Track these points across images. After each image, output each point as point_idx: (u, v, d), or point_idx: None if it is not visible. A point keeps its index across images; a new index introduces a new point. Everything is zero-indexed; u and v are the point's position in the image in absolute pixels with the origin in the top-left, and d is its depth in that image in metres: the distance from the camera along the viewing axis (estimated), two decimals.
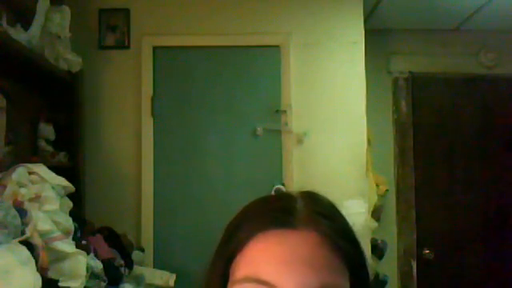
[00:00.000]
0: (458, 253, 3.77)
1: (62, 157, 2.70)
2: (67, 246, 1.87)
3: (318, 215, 0.68)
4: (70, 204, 2.09)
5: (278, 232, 0.66)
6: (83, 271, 1.88)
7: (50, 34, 2.51)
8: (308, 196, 0.73)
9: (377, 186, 3.50)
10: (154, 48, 3.07)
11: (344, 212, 0.76)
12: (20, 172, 1.92)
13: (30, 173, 1.97)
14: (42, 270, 1.68)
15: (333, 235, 0.66)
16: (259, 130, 3.02)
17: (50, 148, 2.68)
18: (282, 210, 0.68)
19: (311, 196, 0.73)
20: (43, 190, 1.91)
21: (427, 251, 3.75)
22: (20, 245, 1.64)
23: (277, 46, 3.09)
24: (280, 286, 0.62)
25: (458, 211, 3.80)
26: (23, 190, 1.87)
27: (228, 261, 0.68)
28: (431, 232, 3.78)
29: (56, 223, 1.87)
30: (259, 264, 0.64)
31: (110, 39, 3.07)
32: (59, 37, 2.56)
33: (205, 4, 3.11)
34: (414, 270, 3.72)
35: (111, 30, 3.07)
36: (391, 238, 3.66)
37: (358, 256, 0.69)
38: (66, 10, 2.61)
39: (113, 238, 2.48)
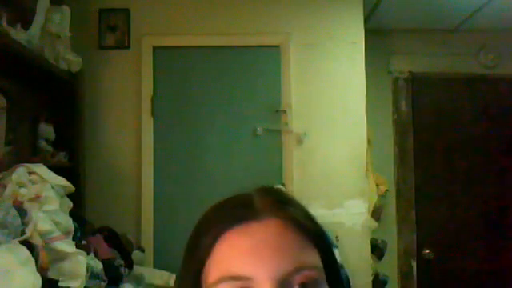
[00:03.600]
0: (458, 253, 3.77)
1: (62, 157, 2.71)
2: (67, 245, 1.87)
3: (277, 203, 0.69)
4: (70, 204, 2.09)
5: (242, 227, 0.66)
6: (83, 271, 1.88)
7: (50, 34, 2.51)
8: (262, 189, 0.73)
9: (377, 186, 3.50)
10: (154, 48, 3.07)
11: (344, 212, 0.77)
12: (20, 172, 1.92)
13: (30, 173, 1.96)
14: (41, 270, 1.68)
15: (296, 218, 0.67)
16: (259, 130, 3.02)
17: (49, 148, 2.68)
18: (241, 206, 0.69)
19: (265, 189, 0.73)
20: (43, 190, 1.91)
21: (427, 251, 3.75)
22: (20, 245, 1.64)
23: (277, 46, 3.09)
24: (255, 277, 0.62)
25: (458, 211, 3.80)
26: (23, 190, 1.87)
27: (197, 272, 0.67)
28: (431, 232, 3.78)
29: (56, 223, 1.87)
30: (229, 261, 0.64)
31: (110, 39, 3.07)
32: (59, 37, 2.56)
33: (205, 4, 3.11)
34: (414, 270, 3.72)
35: (111, 29, 3.07)
36: (391, 238, 3.67)
37: (323, 237, 0.70)
38: (66, 10, 2.62)
39: (113, 238, 2.48)
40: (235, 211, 0.68)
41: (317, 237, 0.68)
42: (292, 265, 0.63)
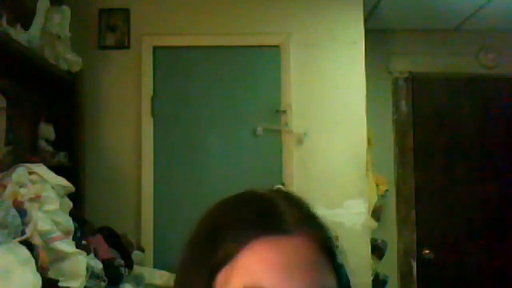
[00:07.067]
0: (458, 253, 3.77)
1: (61, 157, 2.70)
2: (67, 245, 1.87)
3: (305, 218, 0.69)
4: (70, 204, 2.09)
5: (273, 239, 0.65)
6: (83, 271, 1.88)
7: (49, 34, 2.50)
8: (285, 197, 0.72)
9: (377, 186, 3.50)
10: (154, 48, 3.07)
11: (344, 212, 0.77)
12: (20, 172, 1.92)
13: (30, 173, 1.96)
14: (42, 270, 1.68)
15: (321, 238, 0.68)
16: (259, 129, 3.01)
17: (49, 148, 2.68)
18: (270, 215, 0.67)
19: (289, 197, 0.73)
20: (43, 190, 1.91)
21: (427, 251, 3.75)
22: (20, 245, 1.64)
23: (277, 46, 3.09)
24: None
25: (458, 211, 3.80)
26: (23, 190, 1.87)
27: (213, 271, 0.66)
28: (431, 232, 3.78)
29: (56, 223, 1.87)
30: (258, 273, 0.63)
31: (110, 39, 3.07)
32: (59, 37, 2.55)
33: (205, 4, 3.11)
34: (414, 270, 3.72)
35: (111, 30, 3.07)
36: (391, 238, 3.66)
37: (338, 255, 0.71)
38: (66, 10, 2.61)
39: (113, 238, 2.48)
40: (264, 218, 0.67)
41: (335, 259, 0.69)
42: (317, 286, 0.64)
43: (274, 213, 0.68)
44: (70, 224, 1.95)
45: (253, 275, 0.63)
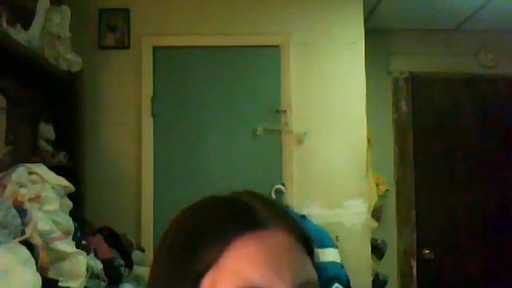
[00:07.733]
0: (458, 253, 3.77)
1: (61, 157, 2.70)
2: (67, 246, 1.87)
3: (279, 212, 0.70)
4: (70, 204, 2.09)
5: (254, 236, 0.65)
6: (83, 271, 1.88)
7: (50, 34, 2.50)
8: (253, 195, 0.72)
9: (377, 186, 3.50)
10: (154, 48, 3.07)
11: (344, 212, 0.77)
12: (20, 172, 1.92)
13: (30, 173, 1.96)
14: (42, 270, 1.68)
15: (297, 230, 0.69)
16: (259, 129, 3.02)
17: (49, 148, 2.68)
18: (246, 213, 0.67)
19: (255, 195, 0.72)
20: (43, 190, 1.91)
21: (427, 251, 3.75)
22: (20, 245, 1.64)
23: (277, 46, 3.09)
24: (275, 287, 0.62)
25: (458, 211, 3.80)
26: (23, 190, 1.87)
27: (197, 278, 0.64)
28: (431, 232, 3.78)
29: (56, 223, 1.87)
30: (247, 272, 0.63)
31: (110, 39, 3.07)
32: (59, 37, 2.55)
33: (205, 4, 3.11)
34: (414, 270, 3.72)
35: (111, 30, 3.07)
36: (391, 238, 3.66)
37: (314, 247, 0.71)
38: (66, 10, 2.61)
39: (113, 238, 2.48)
40: (238, 217, 0.67)
41: (311, 249, 0.70)
42: (302, 277, 0.64)
43: (248, 210, 0.68)
44: (70, 224, 1.95)
45: (242, 275, 0.63)
